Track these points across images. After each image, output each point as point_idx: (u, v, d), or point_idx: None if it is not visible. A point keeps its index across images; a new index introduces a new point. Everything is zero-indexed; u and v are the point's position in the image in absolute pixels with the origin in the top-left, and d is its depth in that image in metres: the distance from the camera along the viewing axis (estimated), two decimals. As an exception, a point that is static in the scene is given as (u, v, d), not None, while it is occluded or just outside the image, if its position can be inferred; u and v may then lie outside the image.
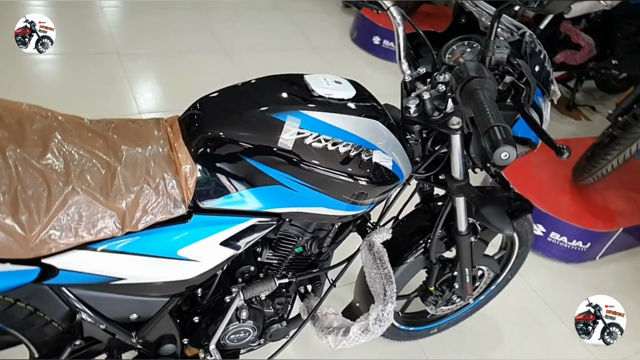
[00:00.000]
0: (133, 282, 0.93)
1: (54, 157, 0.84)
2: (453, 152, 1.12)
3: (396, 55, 1.12)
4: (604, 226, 2.25)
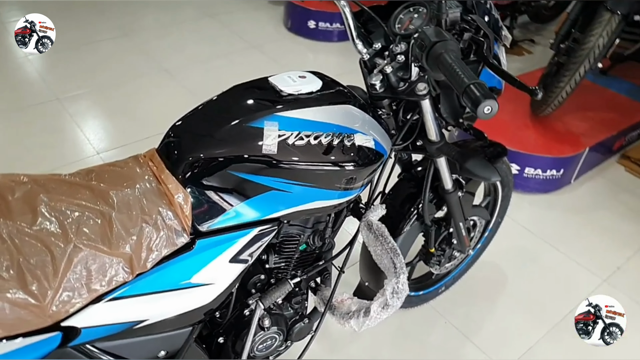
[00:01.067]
0: (155, 321, 0.92)
1: (47, 220, 0.82)
2: (426, 117, 1.15)
3: (349, 36, 1.14)
4: (572, 150, 2.35)
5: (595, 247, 2.19)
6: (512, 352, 1.75)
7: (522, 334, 1.81)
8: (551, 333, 1.82)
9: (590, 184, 2.55)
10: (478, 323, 1.85)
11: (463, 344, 1.78)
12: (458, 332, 1.82)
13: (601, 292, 1.97)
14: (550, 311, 1.89)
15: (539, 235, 2.23)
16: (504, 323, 1.85)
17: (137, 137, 2.60)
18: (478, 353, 1.75)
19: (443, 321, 1.85)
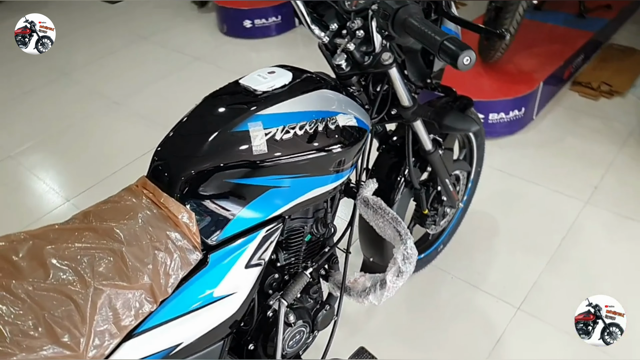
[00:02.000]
0: (189, 342, 0.92)
1: (59, 271, 0.80)
2: (395, 84, 1.18)
3: (304, 24, 1.15)
4: (528, 88, 2.44)
5: (570, 172, 2.29)
6: (519, 289, 1.82)
7: (524, 271, 1.88)
8: (550, 264, 1.90)
9: (551, 115, 2.66)
10: (481, 271, 1.91)
11: (473, 294, 1.84)
12: (465, 284, 1.87)
13: (585, 214, 2.07)
14: (544, 243, 1.97)
15: (516, 174, 2.31)
16: (505, 264, 1.92)
17: (104, 173, 2.55)
18: (489, 298, 1.81)
19: (449, 277, 1.91)
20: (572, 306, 1.73)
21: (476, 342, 1.68)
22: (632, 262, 1.87)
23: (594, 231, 2.00)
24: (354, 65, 1.12)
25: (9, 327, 0.72)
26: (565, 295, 1.79)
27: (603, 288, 1.79)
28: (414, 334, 1.73)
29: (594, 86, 2.73)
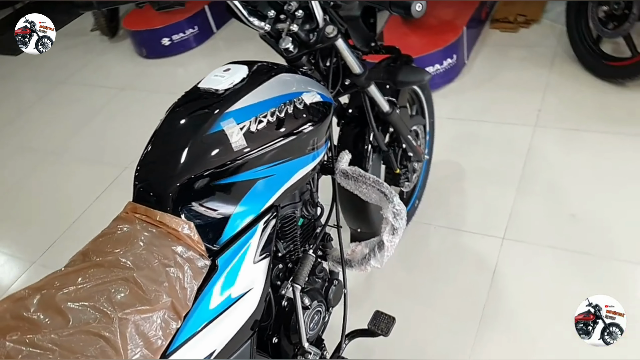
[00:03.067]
0: (222, 348, 0.93)
1: (79, 312, 0.79)
2: (344, 54, 1.21)
3: (242, 18, 1.15)
4: (453, 35, 2.54)
5: (512, 103, 2.41)
6: (499, 221, 1.91)
7: (498, 202, 1.98)
8: (520, 190, 2.00)
9: (480, 56, 2.78)
10: (459, 213, 2.00)
11: (458, 237, 1.92)
12: (448, 230, 1.95)
13: (537, 137, 2.20)
14: (508, 173, 2.08)
15: (465, 118, 2.41)
16: (480, 201, 2.02)
17: (64, 225, 2.47)
18: (474, 237, 1.90)
19: (432, 228, 1.98)
20: (549, 222, 1.86)
21: (474, 280, 1.76)
22: (592, 167, 2.00)
23: (549, 150, 2.13)
24: (301, 46, 1.14)
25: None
26: (541, 213, 1.90)
27: (572, 197, 1.91)
28: (416, 288, 1.79)
29: (510, 20, 2.88)
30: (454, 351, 1.59)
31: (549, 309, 1.62)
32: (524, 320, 1.61)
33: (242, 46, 3.51)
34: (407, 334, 1.61)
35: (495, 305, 1.67)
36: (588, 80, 2.41)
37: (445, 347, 1.61)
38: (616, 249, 1.71)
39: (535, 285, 1.69)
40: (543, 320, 1.59)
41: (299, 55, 1.15)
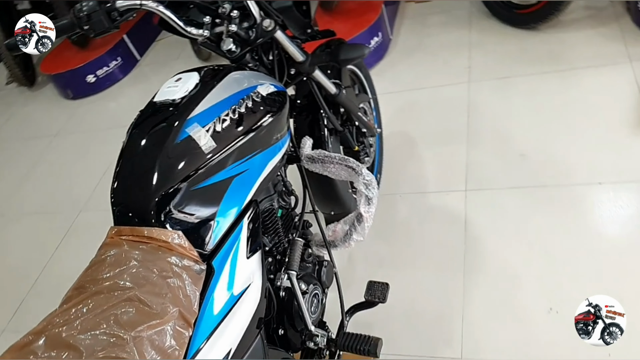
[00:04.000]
0: (236, 346, 0.94)
1: (89, 342, 0.77)
2: (285, 45, 1.25)
3: (179, 30, 1.16)
4: (374, 13, 2.63)
5: (443, 66, 2.53)
6: (458, 175, 2.01)
7: (453, 159, 2.07)
8: (470, 143, 2.11)
9: (403, 29, 2.89)
10: (420, 177, 2.08)
11: (424, 199, 2.00)
12: (414, 195, 2.03)
13: (473, 91, 2.32)
14: (456, 130, 2.18)
15: (403, 89, 2.51)
16: (435, 162, 2.11)
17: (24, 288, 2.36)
18: (439, 195, 1.98)
19: (398, 197, 2.05)
20: (504, 166, 1.97)
21: (449, 234, 1.84)
22: (528, 108, 2.14)
23: (487, 100, 2.25)
24: (243, 44, 1.17)
25: None
26: (494, 160, 2.01)
27: (518, 138, 2.04)
28: (397, 255, 1.86)
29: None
30: (448, 301, 1.66)
31: (522, 243, 1.72)
32: (503, 258, 1.71)
33: (169, 67, 3.47)
34: (402, 297, 1.67)
35: (473, 252, 1.76)
36: (505, 31, 2.56)
37: (439, 300, 1.68)
38: (568, 175, 1.84)
39: (505, 225, 1.80)
40: (519, 253, 1.70)
41: (242, 53, 1.18)
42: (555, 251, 1.68)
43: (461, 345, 1.57)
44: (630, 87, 2.03)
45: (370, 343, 1.21)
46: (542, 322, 1.55)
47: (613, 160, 1.83)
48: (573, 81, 2.16)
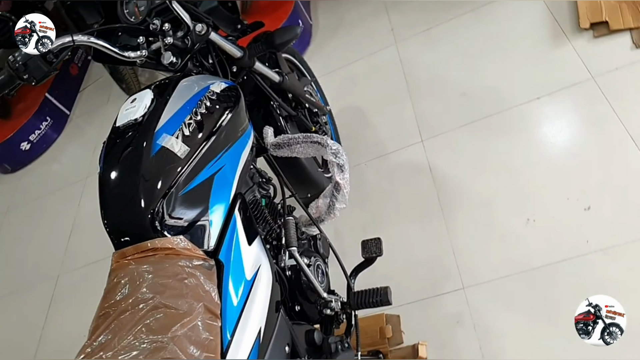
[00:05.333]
0: (263, 326, 0.99)
1: (133, 357, 0.81)
2: (221, 44, 1.29)
3: (116, 57, 1.19)
4: (289, 4, 2.70)
5: (368, 35, 2.64)
6: (411, 129, 2.11)
7: (402, 116, 2.18)
8: (413, 97, 2.22)
9: (320, 10, 2.99)
10: (377, 142, 2.17)
11: (387, 161, 2.09)
12: (376, 160, 2.12)
13: (403, 49, 2.43)
14: (396, 89, 2.29)
15: (337, 66, 2.59)
16: (387, 124, 2.21)
17: None
18: (399, 153, 2.08)
19: (363, 166, 2.14)
20: (449, 109, 2.08)
21: (419, 184, 1.94)
22: (456, 51, 2.28)
23: (418, 55, 2.37)
24: (182, 54, 1.21)
25: None
26: (439, 106, 2.13)
27: (455, 81, 2.16)
28: (377, 218, 1.94)
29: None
30: (436, 242, 1.77)
31: (486, 171, 1.85)
32: (473, 189, 1.82)
33: (102, 113, 3.40)
34: (394, 252, 1.75)
35: (445, 193, 1.87)
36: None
37: (428, 244, 1.78)
38: (507, 100, 1.98)
39: (466, 161, 1.91)
40: (486, 181, 1.82)
41: (184, 63, 1.22)
42: (517, 169, 1.81)
43: (459, 276, 1.67)
44: (539, 5, 2.19)
45: (380, 293, 1.28)
46: (524, 233, 1.67)
47: (543, 75, 1.98)
48: (488, 15, 2.31)
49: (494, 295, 1.61)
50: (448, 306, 1.64)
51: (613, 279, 1.50)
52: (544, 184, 1.74)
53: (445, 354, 1.57)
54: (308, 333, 1.20)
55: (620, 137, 1.73)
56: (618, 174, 1.67)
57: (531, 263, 1.61)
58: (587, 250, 1.57)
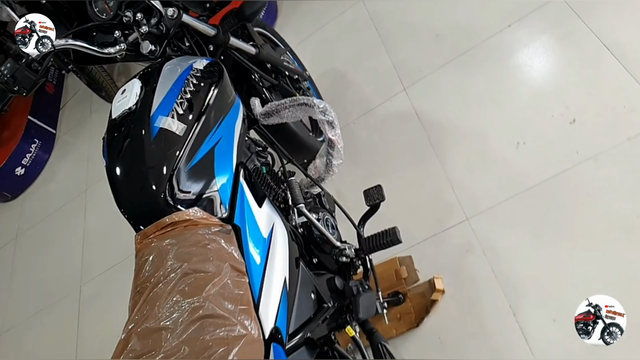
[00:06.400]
0: (288, 275, 1.06)
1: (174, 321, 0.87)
2: (194, 25, 1.33)
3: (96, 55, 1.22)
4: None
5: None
6: (392, 79, 2.16)
7: (380, 67, 2.22)
8: (387, 49, 2.26)
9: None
10: (362, 99, 2.22)
11: (375, 115, 2.14)
12: (363, 116, 2.17)
13: (369, 5, 2.45)
14: (370, 42, 2.32)
15: (308, 34, 2.62)
16: (368, 78, 2.25)
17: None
18: (384, 105, 2.13)
19: (351, 124, 2.19)
20: (426, 51, 2.12)
21: (408, 131, 2.00)
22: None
23: (385, 6, 2.40)
24: (160, 40, 1.25)
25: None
26: (415, 50, 2.17)
27: (427, 23, 2.20)
28: (375, 170, 2.00)
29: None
30: (434, 180, 1.84)
31: (470, 105, 1.90)
32: (461, 124, 1.88)
33: (89, 125, 3.43)
34: (395, 197, 1.82)
35: (435, 134, 1.93)
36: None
37: (426, 183, 1.85)
38: (480, 34, 2.02)
39: (450, 99, 1.97)
40: (472, 114, 1.88)
41: (163, 49, 1.25)
42: (499, 97, 1.87)
43: (462, 208, 1.75)
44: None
45: (389, 234, 1.34)
46: (516, 157, 1.74)
47: (510, 0, 2.02)
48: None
49: (497, 220, 1.68)
50: (456, 238, 1.72)
51: (608, 184, 1.57)
52: (528, 106, 1.80)
53: (461, 282, 1.65)
54: (329, 281, 1.28)
55: (595, 48, 1.78)
56: (597, 84, 1.73)
57: (527, 183, 1.68)
58: (578, 160, 1.64)
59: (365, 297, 1.26)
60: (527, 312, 1.53)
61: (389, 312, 1.67)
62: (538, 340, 1.49)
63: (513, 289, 1.57)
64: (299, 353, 1.09)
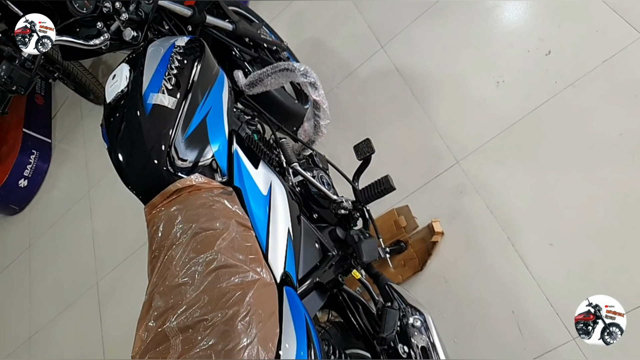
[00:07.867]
0: (290, 226, 1.13)
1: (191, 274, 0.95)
2: (171, 8, 1.38)
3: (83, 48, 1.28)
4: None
5: None
6: (369, 40, 2.20)
7: (356, 30, 2.26)
8: (361, 8, 2.29)
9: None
10: (342, 64, 2.27)
11: (356, 76, 2.19)
12: (346, 79, 2.22)
13: None
14: (343, 7, 2.36)
15: (281, 7, 2.65)
16: (346, 42, 2.29)
17: None
18: (365, 65, 2.18)
19: (335, 89, 2.24)
20: (397, 4, 2.16)
21: (392, 87, 2.05)
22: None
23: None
24: (140, 26, 1.30)
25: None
26: (389, 6, 2.20)
27: None
28: (363, 128, 2.07)
29: None
30: (420, 129, 1.90)
31: (447, 53, 1.96)
32: (440, 73, 1.94)
33: (83, 129, 3.48)
34: (385, 151, 1.89)
35: (417, 86, 1.99)
36: None
37: (413, 134, 1.92)
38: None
39: (427, 51, 2.02)
40: (450, 61, 1.94)
41: (145, 34, 1.31)
42: (474, 40, 1.92)
43: (451, 153, 1.82)
44: None
45: (382, 182, 1.41)
46: (497, 95, 1.80)
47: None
48: None
49: (486, 159, 1.75)
50: (448, 182, 1.79)
51: (588, 107, 1.64)
52: (503, 45, 1.86)
53: (458, 222, 1.73)
54: (331, 232, 1.35)
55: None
56: (567, 13, 1.78)
57: (511, 119, 1.75)
58: (558, 89, 1.70)
59: (367, 243, 1.34)
60: (524, 240, 1.61)
61: (393, 260, 1.76)
62: (538, 265, 1.57)
63: (508, 221, 1.65)
64: (311, 297, 1.17)
